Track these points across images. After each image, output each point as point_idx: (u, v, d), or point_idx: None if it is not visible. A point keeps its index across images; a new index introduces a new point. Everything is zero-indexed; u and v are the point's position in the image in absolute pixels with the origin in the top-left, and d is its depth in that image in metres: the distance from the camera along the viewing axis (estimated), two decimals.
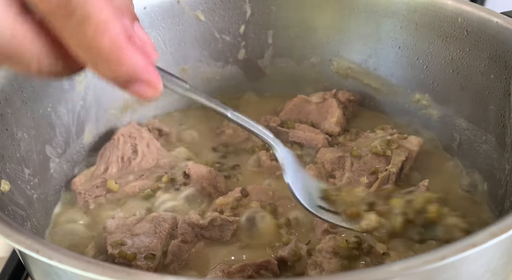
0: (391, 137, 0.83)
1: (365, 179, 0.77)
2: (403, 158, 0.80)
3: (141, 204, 0.79)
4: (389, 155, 0.80)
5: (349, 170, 0.79)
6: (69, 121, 0.82)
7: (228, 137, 0.93)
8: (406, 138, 0.84)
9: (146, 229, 0.72)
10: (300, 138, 0.87)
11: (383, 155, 0.80)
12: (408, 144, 0.83)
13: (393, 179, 0.78)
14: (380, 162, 0.80)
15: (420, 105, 0.92)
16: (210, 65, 1.02)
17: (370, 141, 0.85)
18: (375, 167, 0.79)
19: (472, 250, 0.40)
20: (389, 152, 0.80)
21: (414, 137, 0.84)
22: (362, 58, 0.97)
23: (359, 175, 0.78)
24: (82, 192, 0.80)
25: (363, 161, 0.81)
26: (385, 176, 0.77)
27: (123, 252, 0.67)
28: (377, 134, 0.86)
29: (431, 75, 0.88)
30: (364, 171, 0.79)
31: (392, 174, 0.77)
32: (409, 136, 0.84)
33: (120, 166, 0.85)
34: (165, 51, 0.96)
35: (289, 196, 0.77)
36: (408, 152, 0.81)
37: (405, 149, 0.82)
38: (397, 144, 0.82)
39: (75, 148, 0.85)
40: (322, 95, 0.95)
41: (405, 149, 0.81)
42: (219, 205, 0.76)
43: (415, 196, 0.60)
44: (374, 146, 0.81)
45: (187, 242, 0.71)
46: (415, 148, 0.82)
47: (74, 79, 0.82)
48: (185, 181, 0.82)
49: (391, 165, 0.78)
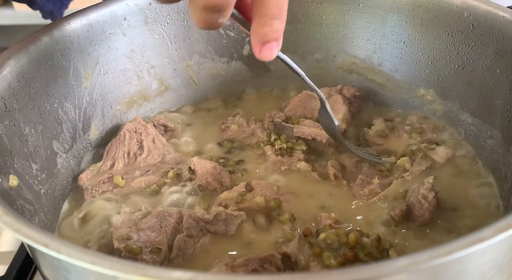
0: (418, 146, 0.82)
1: (377, 180, 0.77)
2: (423, 168, 0.79)
3: (147, 199, 0.80)
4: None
5: (365, 173, 0.80)
6: (75, 117, 0.83)
7: (233, 133, 0.93)
8: (434, 149, 0.82)
9: (151, 223, 0.72)
10: (305, 134, 0.87)
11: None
12: (435, 155, 0.81)
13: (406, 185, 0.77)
14: (397, 169, 0.79)
15: (425, 100, 0.92)
16: (215, 61, 1.02)
17: (401, 143, 0.84)
18: (390, 172, 0.79)
19: (480, 245, 0.40)
20: (408, 165, 0.79)
21: (443, 149, 0.81)
22: (366, 53, 0.97)
23: (372, 177, 0.78)
24: (89, 187, 0.81)
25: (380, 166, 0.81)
26: (399, 183, 0.77)
27: (129, 246, 0.68)
28: (411, 139, 0.85)
29: (436, 71, 0.87)
30: (378, 174, 0.79)
31: (407, 182, 0.77)
32: (438, 147, 0.82)
33: (126, 161, 0.86)
34: (170, 47, 0.97)
35: (293, 191, 0.78)
36: (431, 163, 0.80)
37: (429, 159, 0.80)
38: (423, 153, 0.81)
39: (81, 144, 0.86)
40: (327, 91, 0.95)
41: (429, 159, 0.80)
42: (224, 199, 0.76)
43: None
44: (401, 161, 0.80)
45: (192, 236, 0.71)
46: (440, 160, 0.80)
47: (80, 76, 0.82)
48: (191, 176, 0.82)
49: (408, 173, 0.78)
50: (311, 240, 0.67)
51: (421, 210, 0.70)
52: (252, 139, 0.91)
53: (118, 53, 0.89)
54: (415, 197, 0.71)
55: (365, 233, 0.67)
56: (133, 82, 0.94)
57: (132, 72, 0.93)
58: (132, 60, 0.93)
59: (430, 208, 0.70)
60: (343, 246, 0.65)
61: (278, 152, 0.85)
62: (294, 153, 0.85)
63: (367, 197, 0.76)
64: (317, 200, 0.77)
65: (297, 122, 0.91)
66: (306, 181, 0.81)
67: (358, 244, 0.65)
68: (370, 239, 0.66)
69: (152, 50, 0.95)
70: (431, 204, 0.70)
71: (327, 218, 0.72)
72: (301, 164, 0.83)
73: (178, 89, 1.02)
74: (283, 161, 0.84)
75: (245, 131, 0.93)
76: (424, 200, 0.70)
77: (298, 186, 0.80)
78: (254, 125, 0.94)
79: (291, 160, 0.84)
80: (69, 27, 0.79)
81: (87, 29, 0.82)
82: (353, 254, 0.64)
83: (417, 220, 0.71)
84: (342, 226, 0.71)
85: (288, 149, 0.86)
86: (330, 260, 0.64)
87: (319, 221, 0.72)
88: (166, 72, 0.99)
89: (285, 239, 0.69)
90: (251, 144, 0.90)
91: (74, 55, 0.80)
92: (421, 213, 0.70)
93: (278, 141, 0.87)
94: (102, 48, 0.86)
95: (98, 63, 0.86)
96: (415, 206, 0.71)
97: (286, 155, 0.85)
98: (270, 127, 0.91)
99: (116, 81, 0.91)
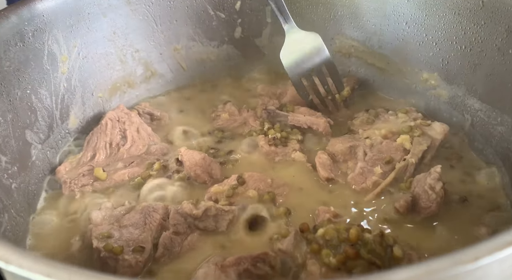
0: (414, 123, 0.76)
1: (379, 169, 0.71)
2: (425, 147, 0.72)
3: (130, 193, 0.74)
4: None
5: (362, 159, 0.73)
6: (52, 105, 0.76)
7: (224, 121, 0.87)
8: (430, 125, 0.76)
9: (135, 220, 0.67)
10: (300, 122, 0.82)
11: (401, 144, 0.73)
12: (432, 131, 0.75)
13: (411, 170, 0.71)
14: (397, 150, 0.73)
15: (428, 85, 0.86)
16: (204, 45, 0.96)
17: (390, 125, 0.78)
18: (390, 156, 0.73)
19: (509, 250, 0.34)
20: (408, 144, 0.73)
21: (439, 124, 0.76)
22: (366, 35, 0.91)
23: (373, 164, 0.72)
24: (67, 180, 0.75)
25: (377, 150, 0.74)
26: (402, 167, 0.70)
27: (109, 245, 0.62)
28: (399, 118, 0.79)
29: (441, 53, 0.81)
30: (379, 161, 0.72)
31: (410, 164, 0.71)
32: (433, 123, 0.77)
33: (108, 152, 0.80)
34: (155, 30, 0.90)
35: (289, 184, 0.73)
36: (431, 141, 0.74)
37: (428, 136, 0.74)
38: (420, 131, 0.75)
39: (59, 133, 0.79)
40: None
41: (427, 137, 0.74)
42: (214, 193, 0.71)
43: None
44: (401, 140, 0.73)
45: (180, 233, 0.66)
46: (439, 136, 0.75)
47: (55, 59, 0.76)
48: (178, 168, 0.76)
49: (410, 155, 0.71)
50: (308, 236, 0.62)
51: (428, 201, 0.65)
52: (244, 128, 0.85)
53: (98, 35, 0.83)
54: (421, 187, 0.66)
55: (366, 228, 0.62)
56: (116, 67, 0.88)
57: (114, 56, 0.87)
58: (114, 43, 0.86)
59: (438, 199, 0.64)
60: (343, 242, 0.60)
61: (272, 142, 0.79)
62: (289, 143, 0.80)
63: (370, 190, 0.70)
64: (315, 193, 0.72)
65: (292, 110, 0.85)
66: (302, 172, 0.75)
67: (359, 240, 0.59)
68: (373, 234, 0.60)
69: (135, 32, 0.88)
70: (438, 195, 0.64)
71: (325, 211, 0.66)
72: (296, 154, 0.77)
73: (165, 75, 0.95)
74: (277, 151, 0.78)
75: (236, 120, 0.87)
76: (431, 191, 0.64)
77: (294, 178, 0.74)
78: (246, 114, 0.88)
79: (285, 150, 0.78)
80: (41, 5, 0.72)
81: (62, 8, 0.75)
82: (354, 251, 0.58)
83: (423, 212, 0.65)
84: (342, 220, 0.66)
85: (282, 138, 0.80)
86: (330, 257, 0.58)
87: (317, 215, 0.67)
88: (151, 57, 0.92)
89: (280, 235, 0.64)
90: (243, 133, 0.84)
91: (48, 36, 0.73)
92: (428, 205, 0.65)
93: (272, 130, 0.81)
94: (80, 30, 0.79)
95: (76, 46, 0.79)
96: (421, 197, 0.65)
97: (280, 145, 0.79)
98: (264, 116, 0.85)
99: (97, 66, 0.84)
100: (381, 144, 0.74)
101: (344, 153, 0.75)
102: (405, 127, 0.75)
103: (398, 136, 0.75)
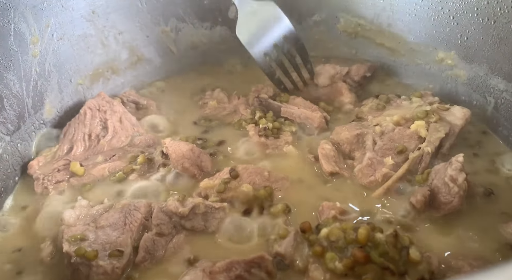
0: (430, 107, 0.67)
1: (390, 160, 0.62)
2: (442, 135, 0.63)
3: (110, 190, 0.66)
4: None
5: (371, 149, 0.64)
6: (22, 92, 0.68)
7: (212, 110, 0.79)
8: (449, 109, 0.67)
9: (114, 219, 0.59)
10: (294, 116, 0.73)
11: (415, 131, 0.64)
12: (451, 116, 0.66)
13: (427, 160, 0.62)
14: (410, 139, 0.64)
15: (445, 65, 0.77)
16: (195, 26, 0.88)
17: (403, 110, 0.69)
18: (403, 144, 0.63)
19: None
20: (423, 131, 0.64)
21: (459, 108, 0.67)
22: (374, 12, 0.82)
23: (383, 154, 0.63)
24: (40, 176, 0.67)
25: (389, 138, 0.65)
26: (416, 157, 0.61)
27: (81, 249, 0.54)
28: (413, 103, 0.70)
29: (459, 28, 0.72)
30: (390, 150, 0.63)
31: (426, 154, 0.61)
32: (452, 107, 0.68)
33: (86, 145, 0.72)
34: (140, 9, 0.82)
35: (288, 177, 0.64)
36: (450, 127, 0.65)
37: (446, 122, 0.65)
38: (437, 116, 0.66)
39: (32, 124, 0.71)
40: (329, 76, 0.79)
41: (446, 123, 0.65)
42: (204, 188, 0.62)
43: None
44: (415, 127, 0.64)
45: (164, 234, 0.57)
46: (458, 122, 0.66)
47: (25, 40, 0.67)
48: (164, 161, 0.68)
49: (426, 143, 0.62)
50: (310, 236, 0.53)
51: (449, 195, 0.56)
52: (233, 117, 0.77)
53: (75, 14, 0.74)
54: (440, 179, 0.57)
55: (378, 227, 0.53)
56: (97, 51, 0.80)
57: (95, 38, 0.78)
58: (94, 23, 0.77)
59: (460, 192, 0.55)
60: (351, 244, 0.52)
61: (262, 133, 0.71)
62: (282, 135, 0.71)
63: (380, 184, 0.61)
64: (317, 187, 0.63)
65: (286, 100, 0.77)
66: (302, 163, 0.67)
67: (369, 241, 0.51)
68: (385, 234, 0.52)
69: (118, 12, 0.79)
70: (461, 188, 0.55)
71: (330, 208, 0.58)
72: (289, 148, 0.69)
73: (153, 60, 0.87)
74: (267, 143, 0.70)
75: (226, 108, 0.79)
76: (453, 183, 0.55)
77: (293, 170, 0.66)
78: (236, 101, 0.80)
79: (276, 143, 0.70)
80: None
81: None
82: (363, 255, 0.50)
83: (443, 208, 0.56)
84: (350, 218, 0.57)
85: (274, 129, 0.71)
86: (335, 262, 0.50)
87: (321, 212, 0.59)
88: (137, 40, 0.84)
89: (278, 235, 0.55)
90: (232, 122, 0.76)
91: (15, 14, 0.65)
92: (449, 199, 0.56)
93: (263, 120, 0.73)
94: (53, 8, 0.71)
95: (49, 26, 0.71)
96: (440, 190, 0.56)
97: (271, 136, 0.71)
98: (255, 104, 0.77)
99: (74, 49, 0.76)
100: (393, 131, 0.66)
101: (351, 141, 0.67)
102: (420, 112, 0.66)
103: (412, 122, 0.66)
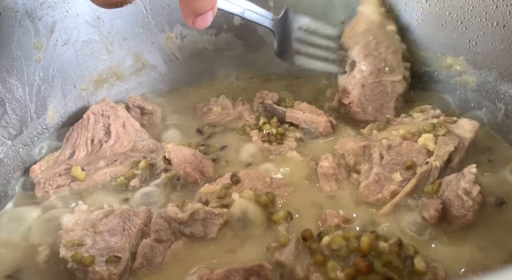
0: (437, 120, 0.64)
1: (399, 176, 0.59)
2: (451, 148, 0.60)
3: (111, 195, 0.65)
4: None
5: (378, 163, 0.61)
6: (25, 96, 0.68)
7: (216, 116, 0.78)
8: (456, 122, 0.64)
9: (112, 225, 0.58)
10: (299, 120, 0.72)
11: (423, 145, 0.61)
12: (459, 129, 0.63)
13: (435, 175, 0.58)
14: (419, 153, 0.61)
15: (453, 71, 0.75)
16: (200, 33, 0.87)
17: (407, 126, 0.66)
18: (411, 159, 0.60)
19: None
20: (431, 145, 0.61)
21: (467, 121, 0.64)
22: None
23: (391, 170, 0.60)
24: (41, 181, 0.66)
25: (396, 152, 0.62)
26: (425, 172, 0.58)
27: (78, 254, 0.53)
28: (415, 119, 0.67)
29: (468, 33, 0.71)
30: (398, 165, 0.60)
31: (434, 168, 0.58)
32: (460, 120, 0.65)
33: (89, 149, 0.71)
34: (145, 15, 0.82)
35: (290, 184, 0.63)
36: (459, 140, 0.62)
37: (455, 136, 0.62)
38: (445, 128, 0.63)
39: (35, 129, 0.71)
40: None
41: (454, 136, 0.62)
42: (204, 194, 0.61)
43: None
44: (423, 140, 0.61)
45: (162, 241, 0.56)
46: (468, 135, 0.62)
47: (29, 45, 0.68)
48: (166, 166, 0.67)
49: (434, 157, 0.59)
50: (311, 245, 0.52)
51: (462, 209, 0.53)
52: (238, 123, 0.76)
53: (79, 20, 0.75)
54: (452, 192, 0.54)
55: (382, 236, 0.51)
56: (102, 57, 0.80)
57: (99, 44, 0.79)
58: (99, 29, 0.78)
59: (475, 206, 0.52)
60: (353, 252, 0.50)
61: (266, 138, 0.69)
62: (286, 140, 0.70)
63: (388, 201, 0.58)
64: (320, 194, 0.61)
65: (291, 106, 0.75)
66: (305, 170, 0.65)
67: (372, 250, 0.49)
68: (389, 243, 0.50)
69: (123, 18, 0.80)
70: (476, 202, 0.53)
71: (333, 216, 0.56)
72: (292, 153, 0.67)
73: (157, 66, 0.87)
74: (270, 148, 0.69)
75: (230, 114, 0.78)
76: (467, 196, 0.53)
77: (297, 176, 0.64)
78: (241, 107, 0.79)
79: (280, 149, 0.69)
80: None
81: None
82: (366, 264, 0.48)
83: (455, 222, 0.54)
84: (353, 226, 0.56)
85: (278, 135, 0.70)
86: (337, 271, 0.48)
87: (324, 219, 0.57)
88: (141, 46, 0.84)
89: (278, 243, 0.54)
90: (236, 128, 0.75)
91: (19, 18, 0.65)
92: (462, 213, 0.53)
93: (267, 125, 0.72)
94: (58, 13, 0.71)
95: (54, 32, 0.71)
96: (453, 203, 0.54)
97: (275, 141, 0.69)
98: (260, 110, 0.76)
99: (79, 54, 0.76)
100: (400, 146, 0.62)
101: (357, 153, 0.63)
102: (427, 126, 0.63)
103: (419, 136, 0.63)
